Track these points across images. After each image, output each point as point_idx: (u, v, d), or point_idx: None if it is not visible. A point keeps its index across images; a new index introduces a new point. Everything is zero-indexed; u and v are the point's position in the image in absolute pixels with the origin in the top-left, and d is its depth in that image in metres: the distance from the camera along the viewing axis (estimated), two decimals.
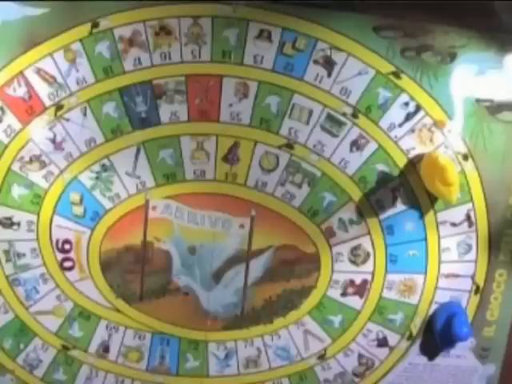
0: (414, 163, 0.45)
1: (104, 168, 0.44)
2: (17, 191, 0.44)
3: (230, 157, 0.44)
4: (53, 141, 0.43)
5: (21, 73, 0.42)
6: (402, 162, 0.45)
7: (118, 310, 0.47)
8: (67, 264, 0.46)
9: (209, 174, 0.45)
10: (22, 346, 0.48)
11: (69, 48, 0.42)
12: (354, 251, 0.47)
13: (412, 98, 0.44)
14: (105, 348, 0.48)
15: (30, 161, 0.44)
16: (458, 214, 0.47)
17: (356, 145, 0.45)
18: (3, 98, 0.42)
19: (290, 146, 0.44)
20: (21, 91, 0.42)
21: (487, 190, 0.47)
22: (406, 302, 0.49)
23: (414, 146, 0.45)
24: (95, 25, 0.41)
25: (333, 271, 0.47)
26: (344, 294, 0.48)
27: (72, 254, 0.46)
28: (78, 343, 0.48)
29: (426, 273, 0.48)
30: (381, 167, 0.45)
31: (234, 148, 0.44)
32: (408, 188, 0.46)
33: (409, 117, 0.45)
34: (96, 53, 0.42)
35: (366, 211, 0.46)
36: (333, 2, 0.42)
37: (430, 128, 0.45)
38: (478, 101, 0.45)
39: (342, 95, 0.44)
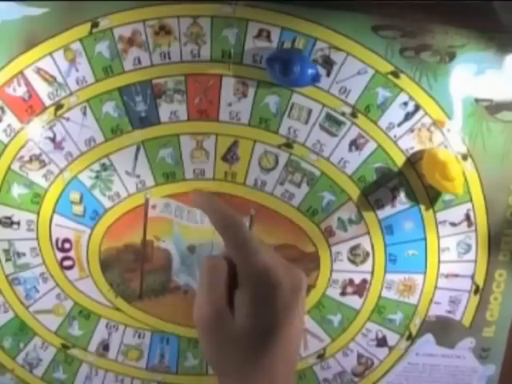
0: (413, 162, 0.45)
1: (104, 167, 0.44)
2: (17, 190, 0.44)
3: (230, 156, 0.45)
4: (53, 140, 0.43)
5: (21, 72, 0.42)
6: (401, 161, 0.45)
7: (118, 309, 0.47)
8: (67, 263, 0.46)
9: (208, 172, 0.45)
10: (21, 345, 0.48)
11: (69, 48, 0.42)
12: (354, 251, 0.47)
13: (411, 98, 0.44)
14: (104, 347, 0.48)
15: (30, 160, 0.44)
16: (457, 213, 0.47)
17: (355, 144, 0.45)
18: (3, 98, 0.42)
19: (289, 145, 0.44)
20: (21, 91, 0.42)
21: (486, 189, 0.47)
22: (406, 302, 0.49)
23: (413, 145, 0.45)
24: (95, 24, 0.41)
25: (332, 270, 0.47)
26: (343, 294, 0.48)
27: (72, 253, 0.46)
28: (78, 342, 0.48)
29: (425, 273, 0.48)
30: (380, 167, 0.45)
31: (234, 147, 0.44)
32: (407, 187, 0.46)
33: (408, 116, 0.45)
34: (96, 52, 0.42)
35: (366, 211, 0.46)
36: (332, 2, 0.42)
37: (429, 128, 0.45)
38: (477, 100, 0.45)
39: (341, 95, 0.44)
